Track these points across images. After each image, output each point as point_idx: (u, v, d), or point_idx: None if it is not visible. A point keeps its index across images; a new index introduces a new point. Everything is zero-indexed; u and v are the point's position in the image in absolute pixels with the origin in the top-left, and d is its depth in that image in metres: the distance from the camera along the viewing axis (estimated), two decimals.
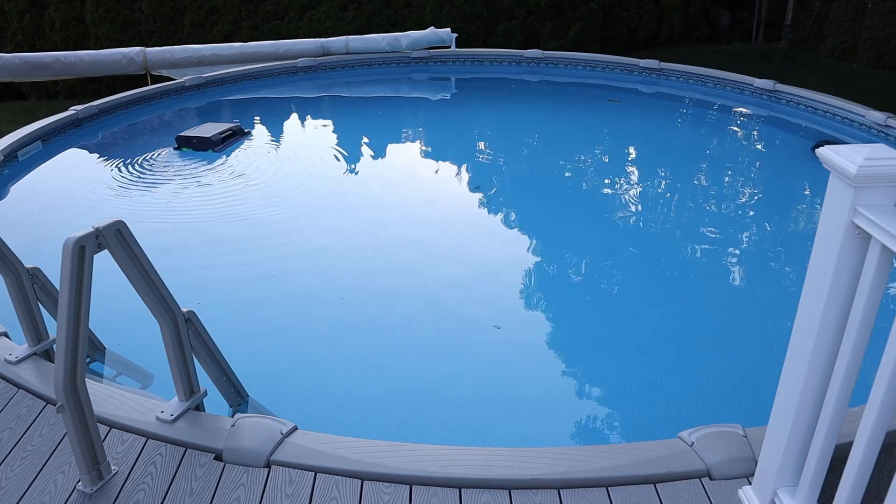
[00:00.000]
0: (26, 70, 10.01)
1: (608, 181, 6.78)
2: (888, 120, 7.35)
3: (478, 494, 2.41)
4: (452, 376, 3.76)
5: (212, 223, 5.79)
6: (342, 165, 7.32)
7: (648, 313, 4.34)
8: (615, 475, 2.45)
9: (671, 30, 15.93)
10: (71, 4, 15.37)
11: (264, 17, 15.20)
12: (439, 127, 8.93)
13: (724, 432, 2.60)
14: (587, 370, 3.84)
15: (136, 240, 2.48)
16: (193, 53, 10.60)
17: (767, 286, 4.76)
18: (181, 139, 7.58)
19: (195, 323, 2.87)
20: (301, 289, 4.73)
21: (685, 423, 3.20)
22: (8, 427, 2.81)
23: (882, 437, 1.74)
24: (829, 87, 9.62)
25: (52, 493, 2.47)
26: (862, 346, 1.77)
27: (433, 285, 4.75)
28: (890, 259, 1.65)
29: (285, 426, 2.70)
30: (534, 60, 10.93)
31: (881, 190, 1.65)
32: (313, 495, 2.43)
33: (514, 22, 15.00)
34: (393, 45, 11.04)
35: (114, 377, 3.74)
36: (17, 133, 7.45)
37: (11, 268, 3.08)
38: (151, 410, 2.82)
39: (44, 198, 6.43)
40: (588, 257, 5.19)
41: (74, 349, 2.32)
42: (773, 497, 2.11)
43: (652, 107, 9.48)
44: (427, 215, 6.01)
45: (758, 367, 3.79)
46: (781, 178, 6.95)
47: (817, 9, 14.70)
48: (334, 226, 5.75)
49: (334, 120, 9.23)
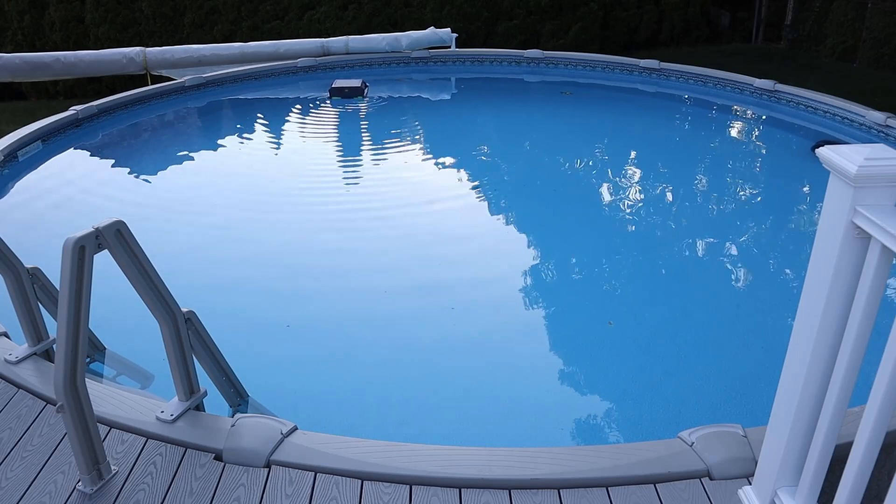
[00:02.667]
0: (26, 70, 10.00)
1: (608, 181, 6.79)
2: (888, 120, 7.35)
3: (478, 494, 2.41)
4: (452, 376, 3.76)
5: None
6: (339, 166, 7.33)
7: (648, 313, 4.34)
8: (615, 475, 2.45)
9: (671, 30, 15.93)
10: (71, 4, 15.36)
11: (264, 17, 15.20)
12: (439, 127, 8.93)
13: (724, 432, 2.60)
14: (587, 370, 3.84)
15: (135, 239, 2.48)
16: (193, 53, 10.60)
17: (767, 286, 4.76)
18: (334, 90, 9.43)
19: (195, 323, 2.87)
20: (301, 289, 4.73)
21: (685, 423, 3.20)
22: (8, 427, 2.81)
23: (882, 437, 1.74)
24: (829, 87, 9.61)
25: (52, 493, 2.47)
26: (862, 346, 1.77)
27: (433, 285, 4.75)
28: (890, 259, 1.65)
29: (285, 426, 2.70)
30: (534, 60, 10.92)
31: (881, 190, 1.65)
32: (313, 495, 2.43)
33: (514, 22, 15.00)
34: (393, 45, 11.04)
35: (114, 377, 3.74)
36: (17, 133, 7.44)
37: (11, 268, 3.08)
38: (151, 410, 2.82)
39: (44, 198, 6.43)
40: (588, 257, 5.19)
41: (74, 349, 2.32)
42: (773, 497, 2.11)
43: (652, 107, 9.48)
44: (427, 215, 6.01)
45: (758, 367, 3.79)
46: (781, 178, 6.95)
47: (817, 9, 14.70)
48: (334, 225, 5.75)
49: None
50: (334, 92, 9.45)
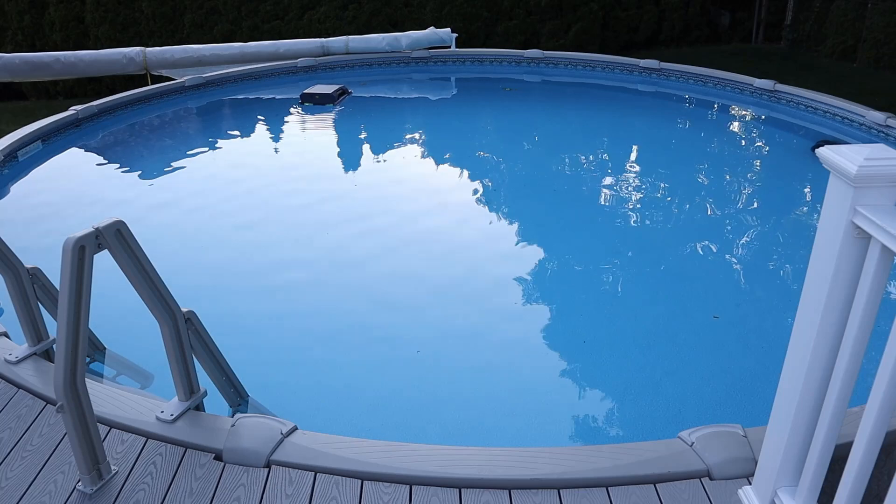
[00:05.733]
0: (26, 70, 10.00)
1: (608, 181, 6.79)
2: (888, 120, 7.35)
3: (478, 494, 2.41)
4: (452, 376, 3.76)
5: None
6: (340, 166, 7.33)
7: (648, 313, 4.34)
8: (615, 475, 2.45)
9: (671, 30, 15.93)
10: (71, 4, 15.37)
11: (264, 17, 15.20)
12: (438, 126, 8.93)
13: (724, 432, 2.60)
14: (587, 370, 3.84)
15: (135, 239, 2.48)
16: (193, 53, 10.60)
17: (767, 286, 4.76)
18: (305, 96, 9.29)
19: (195, 323, 2.87)
20: (301, 288, 4.73)
21: (685, 423, 3.20)
22: (8, 427, 2.81)
23: (882, 437, 1.74)
24: (829, 87, 9.61)
25: (52, 493, 2.47)
26: (862, 346, 1.77)
27: (432, 285, 4.75)
28: (890, 259, 1.65)
29: (285, 426, 2.70)
30: (534, 60, 10.93)
31: (881, 190, 1.65)
32: (313, 495, 2.43)
33: (514, 22, 15.00)
34: (393, 45, 11.04)
35: (114, 377, 3.74)
36: (17, 133, 7.44)
37: (11, 268, 3.08)
38: (151, 410, 2.82)
39: (44, 198, 6.43)
40: (588, 257, 5.18)
41: (74, 349, 2.32)
42: (773, 497, 2.11)
43: (652, 107, 9.49)
44: (426, 215, 6.01)
45: (758, 367, 3.78)
46: (781, 178, 6.95)
47: (817, 9, 14.70)
48: (332, 225, 5.75)
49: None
50: (305, 98, 9.35)
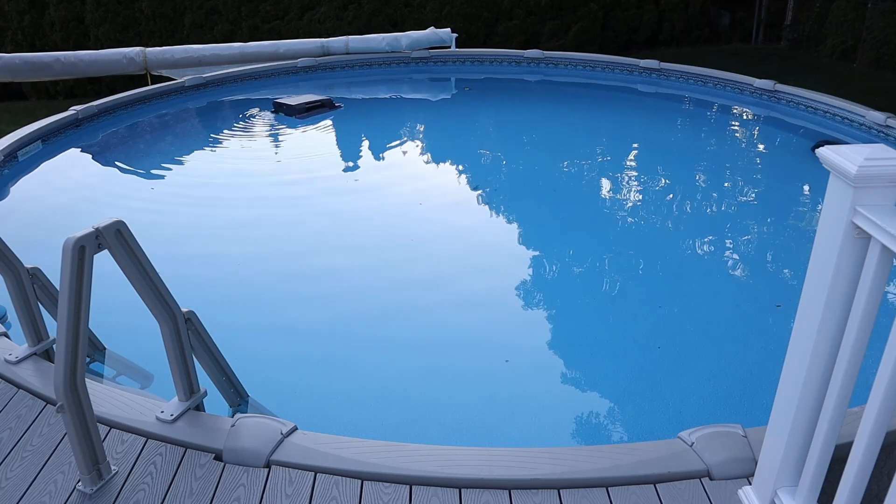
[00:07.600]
0: (26, 70, 10.00)
1: (608, 181, 6.79)
2: (888, 120, 7.34)
3: (478, 494, 2.41)
4: (452, 376, 3.76)
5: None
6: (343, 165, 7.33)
7: (648, 313, 4.34)
8: (615, 475, 2.45)
9: (671, 30, 15.93)
10: (71, 4, 15.37)
11: (264, 17, 15.20)
12: (438, 127, 8.93)
13: (724, 432, 2.60)
14: (587, 370, 3.84)
15: (135, 239, 2.48)
16: (193, 53, 10.60)
17: (767, 286, 4.76)
18: (276, 104, 9.16)
19: (195, 323, 2.86)
20: (301, 288, 4.73)
21: (685, 423, 3.20)
22: (8, 427, 2.81)
23: (882, 437, 1.74)
24: (829, 87, 9.61)
25: (52, 493, 2.47)
26: (862, 346, 1.77)
27: (432, 285, 4.75)
28: (890, 259, 1.65)
29: (285, 426, 2.70)
30: (534, 60, 10.93)
31: (881, 190, 1.65)
32: (313, 495, 2.43)
33: (514, 22, 15.00)
34: (393, 46, 11.03)
35: (114, 377, 3.74)
36: (17, 133, 7.44)
37: (11, 268, 3.08)
38: (151, 410, 2.82)
39: (43, 198, 6.43)
40: (588, 257, 5.18)
41: (74, 349, 2.32)
42: (773, 497, 2.11)
43: (652, 107, 9.48)
44: (426, 216, 6.01)
45: (758, 367, 3.78)
46: (781, 178, 6.95)
47: (817, 9, 14.70)
48: (331, 225, 5.75)
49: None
50: (277, 107, 9.23)
